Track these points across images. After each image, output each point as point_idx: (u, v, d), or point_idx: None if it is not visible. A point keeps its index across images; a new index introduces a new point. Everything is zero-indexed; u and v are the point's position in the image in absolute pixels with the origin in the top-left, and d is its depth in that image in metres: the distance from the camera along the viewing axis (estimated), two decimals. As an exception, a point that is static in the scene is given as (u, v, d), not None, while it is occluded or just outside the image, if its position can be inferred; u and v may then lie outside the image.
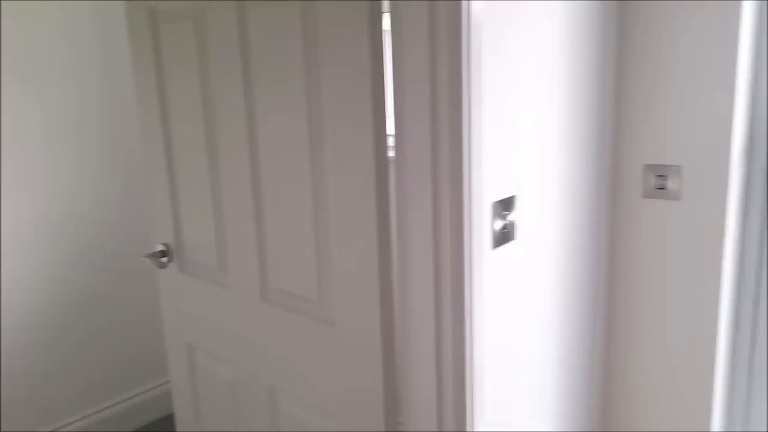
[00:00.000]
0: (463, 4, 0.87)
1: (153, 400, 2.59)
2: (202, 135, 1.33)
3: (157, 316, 2.55)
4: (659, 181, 1.26)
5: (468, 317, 0.98)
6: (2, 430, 2.21)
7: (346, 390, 1.15)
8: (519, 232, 1.08)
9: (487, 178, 0.99)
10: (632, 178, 1.31)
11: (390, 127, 1.01)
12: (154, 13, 1.38)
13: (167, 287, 1.58)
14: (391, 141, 1.03)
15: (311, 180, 1.11)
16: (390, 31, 0.95)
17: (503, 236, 1.04)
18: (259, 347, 1.34)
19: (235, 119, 1.23)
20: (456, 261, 0.97)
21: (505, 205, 1.04)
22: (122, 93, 2.35)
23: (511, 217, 1.06)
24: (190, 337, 1.57)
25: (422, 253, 0.99)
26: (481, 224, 0.99)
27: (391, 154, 1.03)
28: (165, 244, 1.53)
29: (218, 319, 1.44)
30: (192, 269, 1.48)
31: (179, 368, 1.66)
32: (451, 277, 0.98)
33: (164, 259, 1.52)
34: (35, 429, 2.29)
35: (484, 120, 0.95)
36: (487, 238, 1.01)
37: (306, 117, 1.09)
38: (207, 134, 1.32)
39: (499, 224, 1.03)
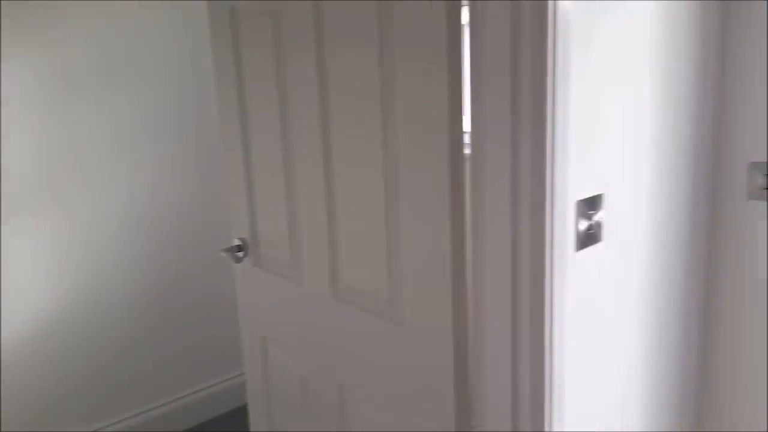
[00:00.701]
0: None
1: (226, 391, 2.66)
2: (277, 132, 1.33)
3: (235, 309, 2.62)
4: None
5: (548, 322, 0.92)
6: (87, 412, 2.33)
7: (416, 391, 1.12)
8: (606, 233, 1.00)
9: (571, 176, 0.92)
10: (735, 177, 1.19)
11: (467, 122, 0.97)
12: (234, 12, 1.39)
13: (243, 281, 1.60)
14: (467, 137, 0.99)
15: (383, 176, 1.08)
16: (469, 25, 0.90)
17: (588, 237, 0.97)
18: (330, 345, 1.33)
19: (309, 116, 1.21)
20: (536, 262, 0.91)
21: (591, 204, 0.96)
22: (208, 92, 2.42)
23: (598, 217, 0.98)
24: (264, 331, 1.58)
25: (499, 253, 0.93)
26: (564, 224, 0.92)
27: (467, 150, 0.98)
28: (241, 239, 1.55)
29: (290, 315, 1.44)
30: (266, 264, 1.49)
31: (253, 361, 1.68)
32: (530, 279, 0.91)
33: (240, 254, 1.54)
34: (118, 414, 2.40)
35: (570, 114, 0.89)
36: (571, 239, 0.94)
37: (380, 113, 1.06)
38: (282, 131, 1.32)
39: (584, 224, 0.96)
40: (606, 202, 0.99)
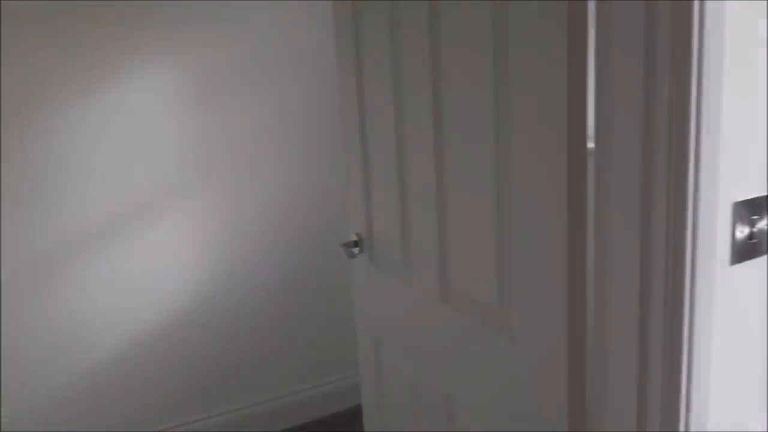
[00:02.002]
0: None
1: (342, 390, 2.66)
2: (392, 131, 1.28)
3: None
4: None
5: (685, 352, 0.75)
6: (207, 400, 2.46)
7: (526, 409, 0.98)
8: (774, 245, 0.79)
9: (725, 172, 0.73)
10: None
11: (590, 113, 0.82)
12: (356, 11, 1.37)
13: (358, 278, 1.57)
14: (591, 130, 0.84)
15: (496, 176, 0.97)
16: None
17: (749, 248, 0.77)
18: (437, 351, 1.23)
19: (422, 117, 1.14)
20: (673, 277, 0.74)
21: (754, 208, 0.77)
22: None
23: (764, 223, 0.78)
24: (377, 330, 1.53)
25: (625, 263, 0.78)
26: (714, 231, 0.74)
27: (591, 144, 0.84)
28: (358, 234, 1.52)
29: (401, 316, 1.37)
30: (380, 261, 1.44)
31: (367, 362, 1.64)
32: (664, 297, 0.75)
33: (356, 249, 1.51)
34: (234, 404, 2.51)
35: (724, 96, 0.71)
36: (724, 250, 0.76)
37: (493, 112, 0.95)
38: (396, 130, 1.27)
39: (743, 232, 0.76)
40: (775, 206, 0.78)
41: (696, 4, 0.67)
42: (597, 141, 0.82)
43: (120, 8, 2.07)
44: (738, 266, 0.77)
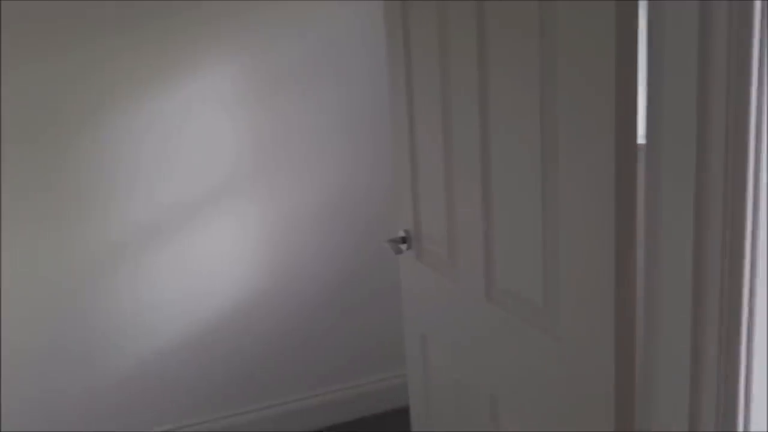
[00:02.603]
0: None
1: (389, 390, 2.66)
2: (440, 129, 1.28)
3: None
4: None
5: (743, 351, 0.71)
6: (259, 391, 2.50)
7: (571, 413, 0.96)
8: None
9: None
10: None
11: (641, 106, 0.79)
12: (405, 9, 1.37)
13: (405, 274, 1.57)
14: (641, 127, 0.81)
15: (542, 174, 0.95)
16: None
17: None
18: (482, 351, 1.22)
19: (469, 115, 1.13)
20: (731, 274, 0.70)
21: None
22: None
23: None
24: (424, 328, 1.52)
25: (678, 261, 0.74)
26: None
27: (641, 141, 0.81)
28: (406, 231, 1.52)
29: (447, 314, 1.36)
30: (427, 258, 1.44)
31: (414, 359, 1.63)
32: (720, 293, 0.71)
33: (404, 246, 1.51)
34: (286, 396, 2.55)
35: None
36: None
37: (539, 111, 0.93)
38: (444, 129, 1.27)
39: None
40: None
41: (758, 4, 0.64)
42: (648, 136, 0.79)
43: (182, 13, 2.15)
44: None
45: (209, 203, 2.30)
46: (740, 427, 0.73)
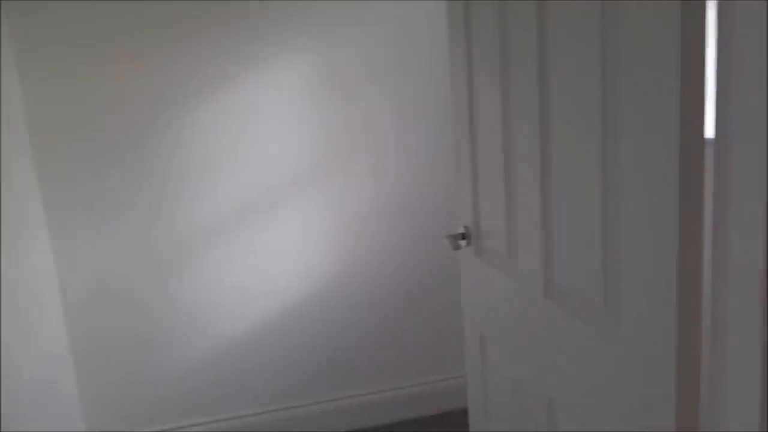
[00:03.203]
0: None
1: (447, 390, 2.62)
2: (500, 124, 1.25)
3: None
4: None
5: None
6: (316, 387, 2.53)
7: (630, 417, 0.91)
8: None
9: None
10: None
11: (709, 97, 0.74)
12: (468, 8, 1.36)
13: (465, 271, 1.55)
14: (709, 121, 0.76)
15: (603, 165, 0.91)
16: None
17: None
18: (539, 350, 1.18)
19: (529, 115, 1.10)
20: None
21: None
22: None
23: None
24: (483, 326, 1.50)
25: (748, 260, 0.69)
26: None
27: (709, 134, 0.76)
28: (465, 227, 1.50)
29: (505, 312, 1.33)
30: (486, 255, 1.41)
31: (472, 358, 1.61)
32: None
33: (463, 242, 1.49)
34: (340, 392, 2.57)
35: None
36: None
37: (600, 101, 0.90)
38: (504, 124, 1.23)
39: None
40: None
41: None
42: (717, 131, 0.73)
43: (250, 16, 2.21)
44: None
45: (275, 200, 2.36)
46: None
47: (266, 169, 2.33)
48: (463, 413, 2.56)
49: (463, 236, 1.50)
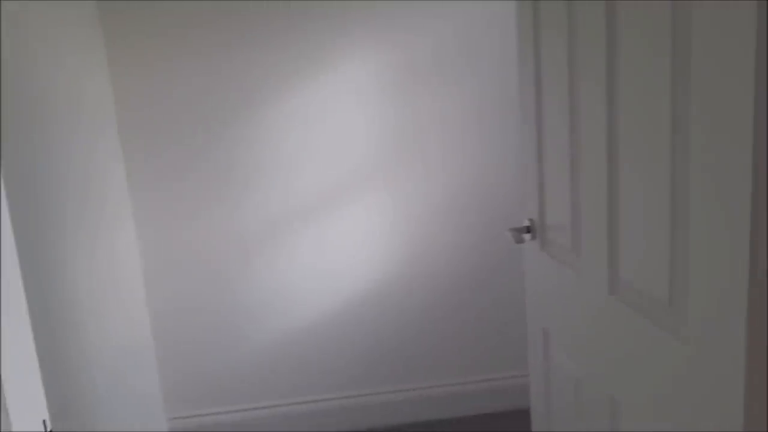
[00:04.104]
0: None
1: (508, 389, 2.58)
2: (567, 118, 1.22)
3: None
4: None
5: None
6: (379, 377, 2.56)
7: (695, 421, 0.87)
8: None
9: None
10: None
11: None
12: (536, 8, 1.34)
13: (530, 266, 1.52)
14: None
15: (671, 161, 0.87)
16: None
17: None
18: (603, 348, 1.15)
19: (596, 103, 1.07)
20: None
21: None
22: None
23: None
24: (546, 322, 1.47)
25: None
26: None
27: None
28: (530, 220, 1.47)
29: (569, 307, 1.30)
30: (550, 249, 1.38)
31: (535, 354, 1.58)
32: None
33: (527, 235, 1.47)
34: (399, 385, 2.58)
35: None
36: None
37: (669, 97, 0.86)
38: (571, 118, 1.21)
39: None
40: None
41: None
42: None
43: (320, 16, 2.26)
44: None
45: (345, 192, 2.41)
46: None
47: (336, 162, 2.38)
48: (521, 414, 2.52)
49: (528, 229, 1.48)
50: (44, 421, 0.75)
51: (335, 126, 2.35)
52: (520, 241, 1.46)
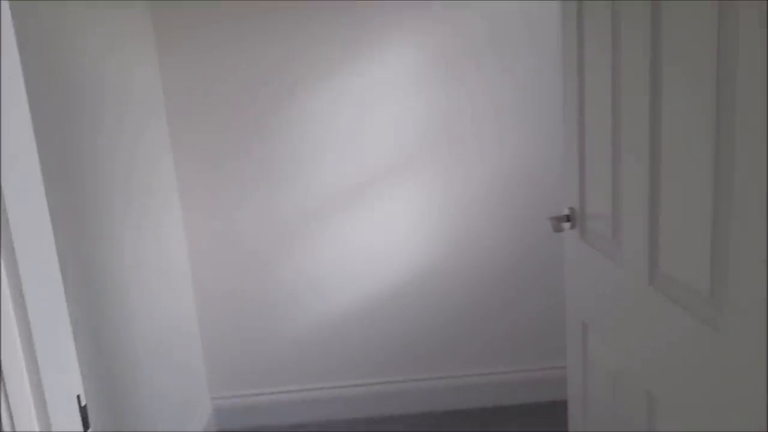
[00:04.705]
0: None
1: (544, 380, 2.54)
2: (609, 106, 1.19)
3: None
4: None
5: None
6: (417, 364, 2.55)
7: (735, 418, 0.84)
8: None
9: None
10: None
11: None
12: (580, 7, 1.30)
13: (569, 255, 1.49)
14: None
15: (715, 152, 0.83)
16: None
17: None
18: (641, 341, 1.11)
19: (639, 92, 1.03)
20: None
21: None
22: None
23: None
24: (585, 313, 1.44)
25: None
26: None
27: None
28: (570, 209, 1.44)
29: (608, 298, 1.26)
30: (590, 238, 1.35)
31: (573, 346, 1.55)
32: None
33: (566, 224, 1.43)
34: (431, 373, 2.57)
35: None
36: None
37: (714, 84, 0.82)
38: (613, 107, 1.17)
39: None
40: None
41: None
42: None
43: (369, 6, 2.26)
44: None
45: (386, 180, 2.41)
46: None
47: (376, 151, 2.38)
48: (557, 405, 2.47)
49: (568, 218, 1.44)
50: (78, 397, 0.78)
51: (380, 113, 2.35)
52: (559, 229, 1.43)
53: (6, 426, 0.68)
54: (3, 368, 0.67)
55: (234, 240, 2.45)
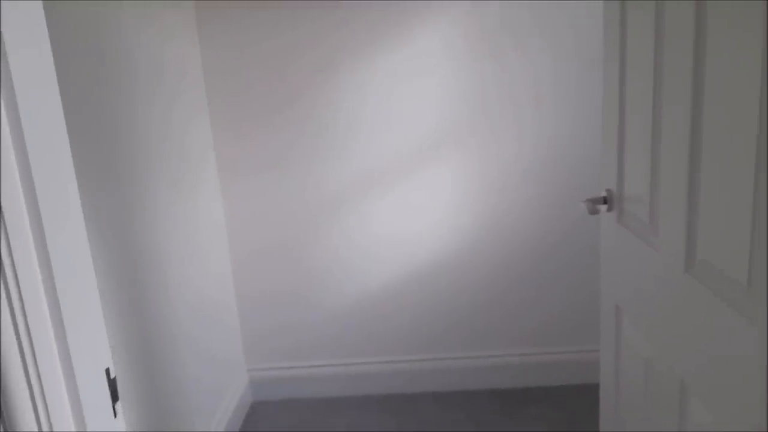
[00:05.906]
0: None
1: (580, 363, 2.50)
2: (650, 87, 1.14)
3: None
4: None
5: None
6: (444, 346, 2.55)
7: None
8: None
9: None
10: None
11: None
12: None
13: (606, 238, 1.45)
14: None
15: (757, 136, 0.79)
16: None
17: None
18: (675, 328, 1.08)
19: (680, 74, 0.98)
20: None
21: None
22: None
23: None
24: (619, 297, 1.40)
25: None
26: None
27: None
28: (608, 191, 1.40)
29: (643, 283, 1.23)
30: (627, 221, 1.31)
31: (607, 330, 1.52)
32: None
33: (603, 206, 1.39)
34: (462, 353, 2.56)
35: None
36: None
37: (760, 71, 0.77)
38: (654, 87, 1.13)
39: None
40: None
41: None
42: None
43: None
44: None
45: (422, 159, 2.39)
46: None
47: (411, 128, 2.35)
48: (589, 388, 2.44)
49: (605, 200, 1.40)
50: (107, 370, 0.81)
51: (408, 91, 2.32)
52: (594, 212, 1.39)
53: (38, 398, 0.70)
54: (33, 343, 0.70)
55: (271, 214, 2.48)
